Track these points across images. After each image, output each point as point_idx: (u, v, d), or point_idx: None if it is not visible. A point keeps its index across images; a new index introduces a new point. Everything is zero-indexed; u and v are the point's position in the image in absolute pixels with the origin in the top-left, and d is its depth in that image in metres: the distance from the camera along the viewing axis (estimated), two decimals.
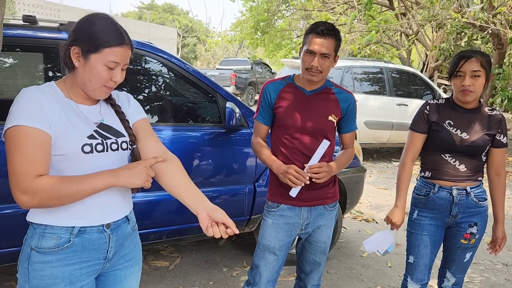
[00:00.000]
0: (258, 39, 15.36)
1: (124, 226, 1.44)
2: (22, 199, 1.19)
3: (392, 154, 8.47)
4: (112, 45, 1.28)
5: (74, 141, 1.27)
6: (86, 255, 1.34)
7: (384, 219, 2.20)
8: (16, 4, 17.02)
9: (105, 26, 1.29)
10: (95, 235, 1.34)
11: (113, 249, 1.40)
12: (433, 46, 12.45)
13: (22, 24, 2.53)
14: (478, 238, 2.14)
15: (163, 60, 2.82)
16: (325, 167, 1.87)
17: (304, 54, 1.91)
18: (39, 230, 1.30)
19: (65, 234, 1.30)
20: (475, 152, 2.05)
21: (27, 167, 1.19)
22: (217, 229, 1.28)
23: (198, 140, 2.83)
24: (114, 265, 1.44)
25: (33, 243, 1.29)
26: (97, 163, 1.31)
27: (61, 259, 1.29)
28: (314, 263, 2.13)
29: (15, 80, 3.28)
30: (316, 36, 1.86)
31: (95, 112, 1.38)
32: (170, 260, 3.37)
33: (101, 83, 1.30)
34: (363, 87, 7.46)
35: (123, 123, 1.43)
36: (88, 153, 1.29)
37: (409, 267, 2.24)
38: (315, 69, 1.88)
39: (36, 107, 1.22)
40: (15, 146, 1.20)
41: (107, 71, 1.30)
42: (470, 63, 1.97)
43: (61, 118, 1.26)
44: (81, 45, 1.28)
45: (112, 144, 1.36)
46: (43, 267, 1.28)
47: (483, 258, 3.69)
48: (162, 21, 38.26)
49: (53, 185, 1.20)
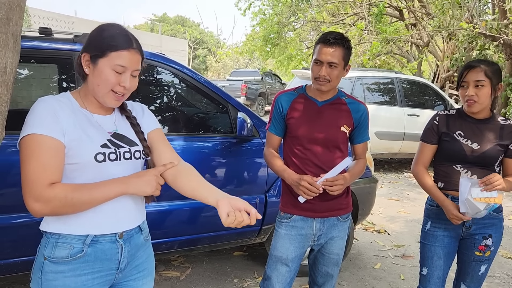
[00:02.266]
0: (269, 51, 15.44)
1: (136, 236, 1.44)
2: (35, 206, 1.20)
3: (403, 165, 8.40)
4: (118, 48, 1.29)
5: (87, 150, 1.28)
6: (99, 265, 1.33)
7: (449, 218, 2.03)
8: (32, 17, 17.38)
9: (112, 31, 1.31)
10: (107, 245, 1.34)
11: (126, 259, 1.40)
12: (444, 56, 12.40)
13: (38, 36, 2.58)
14: (494, 250, 2.10)
15: (175, 70, 2.85)
16: (341, 180, 1.86)
17: (313, 64, 1.92)
18: (52, 240, 1.30)
19: (78, 243, 1.30)
20: (487, 162, 2.03)
21: (41, 175, 1.20)
22: (239, 214, 1.23)
23: (210, 150, 2.84)
24: (126, 276, 1.43)
25: (46, 252, 1.30)
26: (110, 171, 1.32)
27: (73, 269, 1.29)
28: (326, 275, 2.11)
29: (30, 91, 3.33)
30: (324, 46, 1.87)
31: (110, 122, 1.39)
32: (181, 270, 3.36)
33: (108, 87, 1.30)
34: (374, 98, 7.44)
35: (138, 135, 1.44)
36: (101, 161, 1.29)
37: (422, 279, 2.21)
38: (323, 78, 1.88)
39: (50, 116, 1.24)
40: (29, 154, 1.21)
41: (114, 75, 1.30)
42: (473, 72, 1.96)
43: (75, 127, 1.28)
44: (90, 51, 1.30)
45: (125, 153, 1.36)
46: (55, 277, 1.28)
47: (498, 271, 3.62)
48: (174, 33, 38.73)
49: (66, 193, 1.21)
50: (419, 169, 2.17)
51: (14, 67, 1.26)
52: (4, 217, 2.24)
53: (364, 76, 7.43)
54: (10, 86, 1.26)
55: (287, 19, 13.72)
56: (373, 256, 3.85)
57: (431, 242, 2.14)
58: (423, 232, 2.20)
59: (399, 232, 4.56)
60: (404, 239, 4.34)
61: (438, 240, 2.12)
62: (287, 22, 13.94)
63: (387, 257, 3.86)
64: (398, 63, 15.70)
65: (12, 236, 2.27)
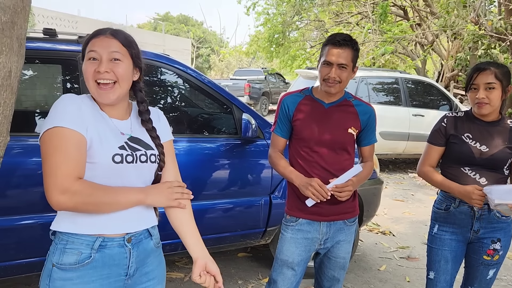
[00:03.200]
0: (273, 51, 15.42)
1: (146, 241, 1.41)
2: (60, 199, 1.18)
3: (408, 165, 8.36)
4: (88, 40, 1.31)
5: (105, 150, 1.28)
6: (107, 271, 1.31)
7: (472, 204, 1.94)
8: (36, 16, 17.42)
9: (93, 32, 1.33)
10: (115, 250, 1.32)
11: (134, 264, 1.37)
12: (449, 56, 12.33)
13: (42, 37, 2.57)
14: (502, 254, 2.08)
15: (179, 71, 2.83)
16: (350, 187, 1.85)
17: (322, 65, 1.89)
18: (60, 246, 1.28)
19: (86, 249, 1.28)
20: (495, 165, 2.00)
21: (69, 168, 1.19)
22: (209, 279, 1.41)
23: (214, 152, 2.82)
24: (135, 283, 1.40)
25: (54, 259, 1.28)
26: (126, 173, 1.32)
27: (81, 276, 1.28)
28: (333, 279, 2.09)
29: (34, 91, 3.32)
30: (333, 47, 1.85)
31: (126, 127, 1.39)
32: (185, 271, 3.35)
33: (91, 80, 1.28)
34: (378, 98, 7.40)
35: (154, 141, 1.43)
36: (118, 163, 1.29)
37: (429, 283, 2.19)
38: (333, 80, 1.85)
39: (75, 111, 1.25)
40: (54, 146, 1.20)
41: (90, 64, 1.29)
42: (483, 75, 1.93)
43: (95, 126, 1.28)
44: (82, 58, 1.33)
45: (141, 156, 1.36)
46: (63, 284, 1.27)
47: (505, 273, 3.59)
48: (177, 32, 38.75)
49: (92, 190, 1.22)
50: (426, 169, 2.14)
51: (19, 71, 1.25)
52: (6, 219, 2.24)
53: (369, 76, 7.40)
54: (15, 90, 1.25)
55: (291, 18, 13.69)
56: (378, 258, 3.83)
57: (438, 246, 2.12)
58: (430, 236, 2.18)
59: (404, 233, 4.54)
60: (409, 240, 4.32)
61: (445, 244, 2.10)
62: (291, 22, 13.91)
63: (392, 258, 3.84)
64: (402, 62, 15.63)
65: (15, 238, 2.27)
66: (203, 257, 1.42)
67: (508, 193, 1.81)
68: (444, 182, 2.06)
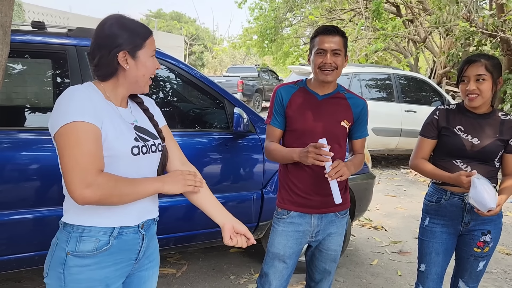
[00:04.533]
0: (266, 47, 15.40)
1: (153, 226, 1.48)
2: (85, 193, 1.17)
3: (401, 161, 8.40)
4: (148, 36, 1.36)
5: (124, 142, 1.30)
6: (121, 256, 1.35)
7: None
8: (26, 12, 17.24)
9: (133, 22, 1.35)
10: (131, 236, 1.37)
11: (144, 249, 1.43)
12: (441, 52, 12.39)
13: (31, 30, 2.54)
14: (492, 246, 2.09)
15: (171, 65, 2.81)
16: (342, 163, 1.75)
17: (315, 55, 1.88)
18: (75, 234, 1.29)
19: (104, 236, 1.30)
20: (487, 157, 2.01)
21: (92, 161, 1.19)
22: (240, 239, 1.44)
23: (206, 146, 2.81)
24: (140, 266, 1.46)
25: (69, 247, 1.28)
26: (142, 164, 1.36)
27: (98, 262, 1.30)
28: (324, 271, 2.09)
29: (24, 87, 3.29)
30: (324, 35, 1.86)
31: (128, 114, 1.41)
32: (177, 267, 3.34)
33: (151, 74, 1.39)
34: (371, 94, 7.42)
35: (152, 121, 1.47)
36: (136, 155, 1.33)
37: (420, 275, 2.20)
38: (329, 65, 1.84)
39: (89, 103, 1.24)
40: (75, 140, 1.19)
41: (154, 61, 1.39)
42: (474, 67, 1.95)
43: (110, 119, 1.29)
44: (126, 48, 1.31)
45: (152, 146, 1.40)
46: (80, 271, 1.28)
47: (495, 266, 3.62)
48: (170, 29, 38.53)
49: (115, 182, 1.23)
50: (418, 161, 2.13)
51: (4, 60, 1.23)
52: None
53: (362, 72, 7.41)
54: (0, 79, 1.23)
55: (284, 14, 13.68)
56: (370, 253, 3.84)
57: (429, 238, 2.13)
58: (422, 228, 2.19)
59: (396, 228, 4.56)
60: (401, 235, 4.34)
61: (436, 236, 2.11)
62: (284, 18, 13.90)
63: (384, 253, 3.85)
64: (395, 59, 15.69)
65: (4, 233, 2.24)
66: (229, 221, 1.46)
67: (482, 199, 1.83)
68: (434, 171, 2.06)
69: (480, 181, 1.85)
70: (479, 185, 1.83)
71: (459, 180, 1.90)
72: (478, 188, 1.83)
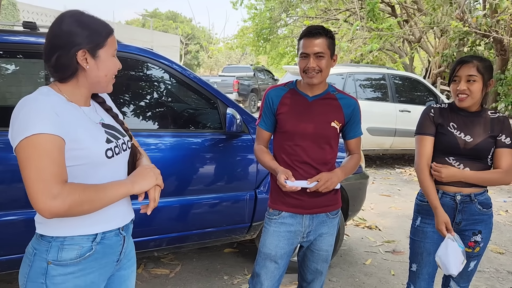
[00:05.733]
0: (261, 46, 15.40)
1: (130, 226, 1.48)
2: (53, 204, 1.11)
3: (395, 160, 8.43)
4: (109, 34, 1.31)
5: (96, 147, 1.26)
6: (105, 260, 1.35)
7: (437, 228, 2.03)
8: (20, 12, 17.15)
9: (93, 20, 1.29)
10: (113, 239, 1.36)
11: (124, 249, 1.43)
12: (436, 52, 12.44)
13: (23, 31, 2.53)
14: (483, 246, 2.10)
15: (164, 66, 2.81)
16: (325, 177, 1.85)
17: (300, 59, 1.90)
18: (56, 243, 1.25)
19: (87, 243, 1.28)
20: (479, 155, 2.02)
21: (57, 171, 1.14)
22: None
23: (199, 146, 2.81)
24: (121, 266, 1.46)
25: (50, 257, 1.24)
26: (116, 166, 1.34)
27: (83, 268, 1.28)
28: (316, 271, 2.10)
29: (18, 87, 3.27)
30: (307, 38, 1.87)
31: (93, 112, 1.37)
32: (170, 268, 3.34)
33: (113, 74, 1.34)
34: (365, 94, 7.44)
35: (116, 120, 1.44)
36: (110, 157, 1.30)
37: (412, 275, 2.21)
38: (312, 69, 1.85)
39: (51, 113, 1.17)
40: (37, 153, 1.13)
41: (115, 60, 1.34)
42: (466, 67, 1.97)
43: (79, 123, 1.24)
44: (86, 47, 1.25)
45: (122, 145, 1.39)
46: (65, 279, 1.25)
47: (487, 266, 3.64)
48: (165, 28, 38.47)
49: (83, 190, 1.17)
50: (423, 167, 2.07)
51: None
52: None
53: (356, 72, 7.43)
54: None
55: (279, 15, 13.68)
56: (363, 252, 3.85)
57: (420, 239, 2.14)
58: (413, 228, 2.20)
59: (390, 228, 4.57)
60: (395, 234, 4.35)
61: (428, 236, 2.12)
62: (279, 18, 13.91)
63: (378, 253, 3.86)
64: (390, 59, 15.73)
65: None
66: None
67: (447, 263, 1.94)
68: (427, 189, 2.06)
69: (452, 244, 1.93)
70: (450, 249, 1.93)
71: (440, 227, 2.00)
72: (448, 251, 1.93)
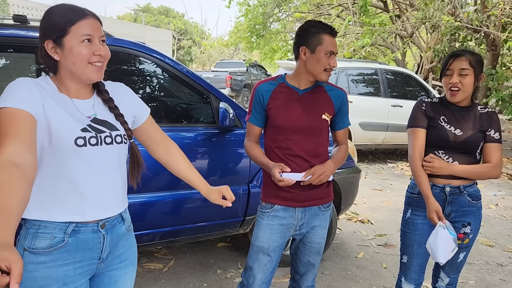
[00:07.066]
0: (254, 42, 15.37)
1: (119, 226, 1.43)
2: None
3: (387, 155, 8.48)
4: (75, 21, 1.27)
5: (67, 133, 1.25)
6: (80, 255, 1.32)
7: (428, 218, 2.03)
8: (10, 6, 16.95)
9: (61, 9, 1.29)
10: (89, 235, 1.33)
11: (108, 249, 1.39)
12: (428, 47, 12.50)
13: (13, 24, 2.50)
14: (472, 238, 2.13)
15: (157, 60, 2.80)
16: (319, 170, 1.87)
17: (325, 55, 1.87)
18: (32, 230, 1.27)
19: (59, 233, 1.28)
20: (468, 149, 2.05)
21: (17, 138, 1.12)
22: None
23: (192, 141, 2.81)
24: (108, 266, 1.43)
25: (26, 243, 1.27)
26: (89, 157, 1.29)
27: (54, 259, 1.28)
28: (308, 264, 2.11)
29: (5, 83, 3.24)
30: (331, 36, 1.88)
31: (89, 107, 1.36)
32: (164, 262, 3.35)
33: (85, 61, 1.28)
34: (358, 89, 7.47)
35: (118, 118, 1.41)
36: (81, 146, 1.26)
37: (403, 267, 2.24)
38: (331, 69, 1.92)
39: (25, 92, 1.20)
40: (4, 122, 1.14)
41: (86, 46, 1.28)
42: (458, 61, 2.00)
43: (54, 111, 1.24)
44: (50, 37, 1.27)
45: (106, 138, 1.33)
46: (36, 268, 1.26)
47: (478, 258, 3.69)
48: (158, 23, 38.19)
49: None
50: (416, 158, 2.09)
51: None
52: None
53: (348, 67, 7.45)
54: None
55: (272, 10, 13.66)
56: (356, 246, 3.89)
57: (411, 230, 2.16)
58: (404, 220, 2.22)
59: (382, 221, 4.62)
60: (387, 228, 4.40)
61: (418, 228, 2.14)
62: (272, 13, 13.88)
63: (370, 246, 3.90)
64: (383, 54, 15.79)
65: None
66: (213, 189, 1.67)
67: (436, 251, 1.96)
68: (421, 179, 2.06)
69: (443, 231, 1.94)
70: (440, 236, 1.94)
71: (431, 215, 2.01)
72: (438, 238, 1.95)
